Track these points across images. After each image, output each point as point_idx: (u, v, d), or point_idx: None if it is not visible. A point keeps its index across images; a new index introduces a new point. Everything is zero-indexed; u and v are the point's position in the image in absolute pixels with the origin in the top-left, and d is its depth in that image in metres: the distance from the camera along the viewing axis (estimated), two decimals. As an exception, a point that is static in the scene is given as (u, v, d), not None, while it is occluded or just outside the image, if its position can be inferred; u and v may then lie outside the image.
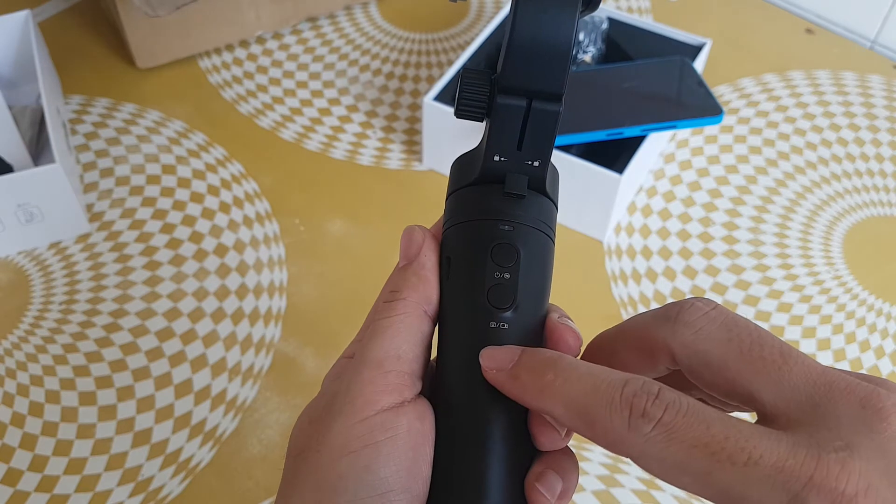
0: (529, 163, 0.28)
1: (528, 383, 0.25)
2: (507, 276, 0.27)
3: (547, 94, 0.27)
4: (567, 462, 0.27)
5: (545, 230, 0.28)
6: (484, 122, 0.29)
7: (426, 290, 0.28)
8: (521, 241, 0.28)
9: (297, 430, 0.27)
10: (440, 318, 0.28)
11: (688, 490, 0.22)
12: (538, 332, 0.28)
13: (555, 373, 0.24)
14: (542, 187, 0.29)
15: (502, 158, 0.28)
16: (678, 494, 0.53)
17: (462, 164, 0.30)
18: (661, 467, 0.22)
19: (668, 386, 0.23)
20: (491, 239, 0.28)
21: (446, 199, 0.30)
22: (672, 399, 0.22)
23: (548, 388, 0.24)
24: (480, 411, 0.26)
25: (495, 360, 0.26)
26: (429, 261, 0.28)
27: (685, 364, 0.24)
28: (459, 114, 0.28)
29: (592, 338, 0.28)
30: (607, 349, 0.27)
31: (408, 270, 0.28)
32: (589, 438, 0.23)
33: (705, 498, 0.22)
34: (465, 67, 0.28)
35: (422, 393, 0.27)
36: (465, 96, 0.28)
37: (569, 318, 0.29)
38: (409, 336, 0.27)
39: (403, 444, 0.25)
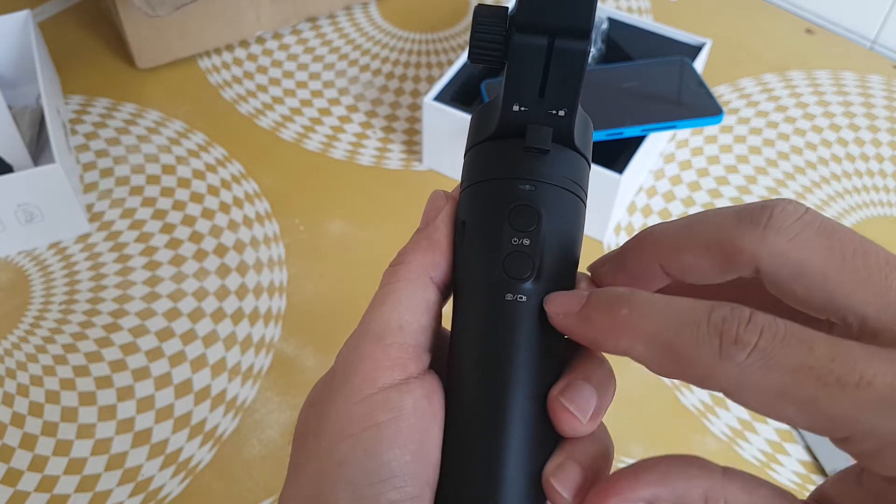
0: (554, 112, 0.25)
1: (600, 323, 0.22)
2: (526, 241, 0.24)
3: (572, 30, 0.23)
4: (593, 449, 0.24)
5: (573, 189, 0.25)
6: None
7: (434, 254, 0.25)
8: (544, 202, 0.25)
9: (301, 413, 0.26)
10: (454, 287, 0.26)
11: (791, 422, 0.20)
12: None
13: (629, 308, 0.22)
14: (569, 140, 0.25)
15: (522, 108, 0.25)
16: (678, 494, 0.53)
17: (481, 116, 0.26)
18: (760, 399, 0.20)
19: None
20: (508, 200, 0.25)
21: (464, 155, 0.27)
22: (767, 322, 0.20)
23: (624, 325, 0.22)
24: (495, 392, 0.24)
25: (562, 305, 0.23)
26: (444, 224, 0.26)
27: (773, 275, 0.21)
28: (473, 57, 0.25)
29: (641, 230, 0.25)
30: (668, 244, 0.23)
31: (420, 234, 0.26)
32: (675, 376, 0.21)
33: (811, 428, 0.20)
34: (478, 4, 0.25)
35: (431, 366, 0.25)
36: (479, 37, 0.24)
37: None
38: (412, 304, 0.25)
39: (409, 425, 0.23)
